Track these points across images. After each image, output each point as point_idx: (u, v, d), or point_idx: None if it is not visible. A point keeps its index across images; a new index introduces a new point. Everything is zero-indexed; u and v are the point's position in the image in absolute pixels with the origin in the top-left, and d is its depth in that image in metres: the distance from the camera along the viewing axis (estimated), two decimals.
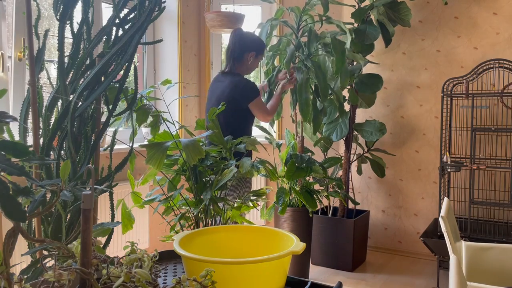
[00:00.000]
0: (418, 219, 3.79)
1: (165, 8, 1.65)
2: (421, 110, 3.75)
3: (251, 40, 2.71)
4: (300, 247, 0.96)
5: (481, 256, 2.07)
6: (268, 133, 3.08)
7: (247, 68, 2.72)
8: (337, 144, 4.09)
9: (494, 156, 3.39)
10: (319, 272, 3.44)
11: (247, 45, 2.67)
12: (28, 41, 1.49)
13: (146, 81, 3.49)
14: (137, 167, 3.06)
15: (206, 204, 1.81)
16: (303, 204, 3.04)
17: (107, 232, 1.29)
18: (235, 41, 2.67)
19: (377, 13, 3.31)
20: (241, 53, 2.67)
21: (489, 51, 3.45)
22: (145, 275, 0.80)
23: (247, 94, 2.59)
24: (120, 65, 1.53)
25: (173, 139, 1.82)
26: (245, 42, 2.67)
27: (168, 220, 2.07)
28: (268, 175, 2.83)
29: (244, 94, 2.58)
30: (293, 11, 3.15)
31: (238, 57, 2.67)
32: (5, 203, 0.73)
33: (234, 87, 2.58)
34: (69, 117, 1.50)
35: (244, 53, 2.67)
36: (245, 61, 2.69)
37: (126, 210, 1.93)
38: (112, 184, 1.68)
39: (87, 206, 0.79)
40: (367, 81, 3.37)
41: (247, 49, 2.68)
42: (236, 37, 2.68)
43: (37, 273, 1.40)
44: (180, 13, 3.43)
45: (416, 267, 3.54)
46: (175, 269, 1.15)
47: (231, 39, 2.69)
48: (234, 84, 2.59)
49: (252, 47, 2.69)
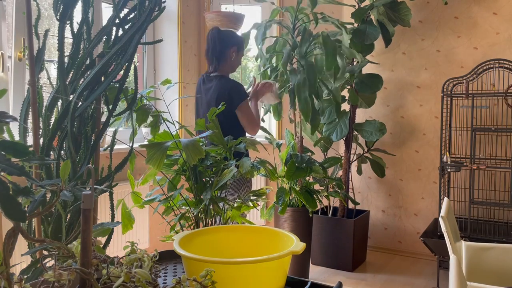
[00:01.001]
0: (418, 219, 3.79)
1: (165, 8, 1.65)
2: (421, 110, 3.74)
3: (230, 35, 2.65)
4: (300, 247, 0.96)
5: (481, 256, 2.07)
6: (268, 133, 3.08)
7: (231, 65, 2.65)
8: (337, 144, 4.09)
9: (494, 156, 3.39)
10: (319, 272, 3.44)
11: (227, 41, 2.61)
12: (28, 41, 1.49)
13: (146, 81, 3.49)
14: (137, 167, 3.06)
15: (206, 204, 1.81)
16: (303, 204, 3.04)
17: (107, 232, 1.29)
18: (215, 39, 2.60)
19: (377, 13, 3.31)
20: (223, 50, 2.60)
21: (489, 51, 3.45)
22: (145, 275, 0.80)
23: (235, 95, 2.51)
24: (120, 65, 1.53)
25: (173, 139, 1.82)
26: (225, 39, 2.61)
27: (168, 220, 2.07)
28: (268, 175, 2.83)
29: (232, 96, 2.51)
30: (288, 11, 3.15)
31: (220, 56, 2.60)
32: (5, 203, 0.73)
33: (222, 90, 2.52)
34: (69, 117, 1.50)
35: (226, 50, 2.60)
36: (228, 58, 2.61)
37: (126, 210, 1.92)
38: (112, 184, 1.68)
39: (87, 206, 0.79)
40: (367, 81, 3.37)
41: (228, 45, 2.60)
42: (215, 35, 2.61)
43: (37, 273, 1.40)
44: (180, 13, 3.43)
45: (416, 267, 3.54)
46: (175, 269, 1.15)
47: (210, 39, 2.62)
48: (222, 87, 2.53)
49: (233, 42, 2.62)
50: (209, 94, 2.60)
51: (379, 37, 3.23)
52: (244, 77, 4.20)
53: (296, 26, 3.13)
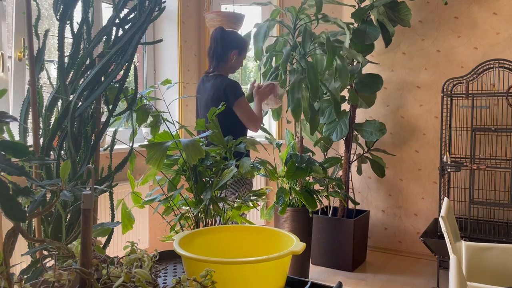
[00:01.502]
0: (418, 219, 3.79)
1: (165, 8, 1.64)
2: (421, 110, 3.74)
3: (233, 38, 2.65)
4: (300, 247, 0.96)
5: (481, 256, 2.07)
6: (268, 133, 3.08)
7: (231, 67, 2.65)
8: (337, 144, 4.09)
9: (494, 156, 3.39)
10: (319, 272, 3.44)
11: (230, 43, 2.61)
12: (28, 41, 1.49)
13: (146, 81, 3.49)
14: (137, 167, 3.06)
15: (206, 204, 1.81)
16: (303, 204, 3.04)
17: (107, 232, 1.29)
18: (217, 40, 2.61)
19: (377, 13, 3.31)
20: (224, 51, 2.60)
21: (489, 51, 3.45)
22: (145, 275, 0.80)
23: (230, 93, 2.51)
24: (120, 65, 1.53)
25: (173, 139, 1.82)
26: (227, 40, 2.61)
27: (168, 220, 2.07)
28: (268, 175, 2.83)
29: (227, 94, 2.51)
30: (289, 11, 3.15)
31: (221, 56, 2.60)
32: (5, 203, 0.73)
33: (218, 89, 2.53)
34: (69, 117, 1.50)
35: (227, 51, 2.61)
36: (228, 59, 2.62)
37: (126, 210, 1.92)
38: (112, 184, 1.68)
39: (87, 206, 0.79)
40: (367, 81, 3.37)
41: (230, 47, 2.61)
42: (218, 36, 2.61)
43: (37, 273, 1.40)
44: (180, 13, 3.43)
45: (416, 267, 3.54)
46: (175, 269, 1.15)
47: (213, 39, 2.63)
48: (217, 86, 2.53)
49: (235, 45, 2.63)
50: (206, 94, 2.60)
51: (379, 37, 3.23)
52: (244, 77, 4.20)
53: (297, 26, 3.13)
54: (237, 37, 2.68)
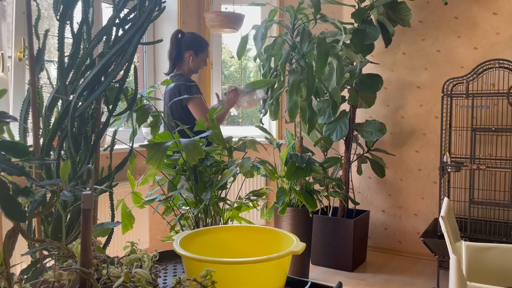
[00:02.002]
0: (418, 219, 3.79)
1: (165, 8, 1.64)
2: (421, 110, 3.74)
3: (187, 39, 2.72)
4: (300, 247, 0.96)
5: (481, 256, 2.07)
6: (268, 133, 3.08)
7: (190, 67, 2.73)
8: (337, 144, 4.09)
9: (494, 156, 3.39)
10: (319, 272, 3.44)
11: (184, 45, 2.70)
12: (28, 41, 1.49)
13: (146, 81, 3.49)
14: (137, 167, 3.06)
15: (206, 204, 1.81)
16: (303, 204, 3.04)
17: (107, 232, 1.29)
18: (172, 42, 2.70)
19: (377, 13, 3.31)
20: (179, 53, 2.70)
21: (489, 51, 3.45)
22: (145, 275, 0.80)
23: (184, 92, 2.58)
24: (120, 65, 1.53)
25: (173, 139, 1.82)
26: (181, 42, 2.70)
27: (168, 220, 2.07)
28: (268, 175, 2.83)
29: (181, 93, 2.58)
30: (288, 11, 3.14)
31: (176, 58, 2.70)
32: (5, 203, 0.73)
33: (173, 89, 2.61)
34: (69, 117, 1.50)
35: (182, 53, 2.70)
36: (185, 60, 2.71)
37: (126, 210, 1.93)
38: (112, 184, 1.68)
39: (87, 206, 0.79)
40: (367, 81, 3.37)
41: (184, 49, 2.69)
42: (173, 38, 2.71)
43: (37, 273, 1.40)
44: (180, 13, 3.43)
45: (416, 267, 3.54)
46: (175, 269, 1.15)
47: (170, 42, 2.72)
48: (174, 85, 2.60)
49: (189, 45, 2.70)
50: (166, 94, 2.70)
51: (379, 37, 3.23)
52: (244, 77, 4.20)
53: (295, 26, 3.13)
54: (193, 37, 2.75)
